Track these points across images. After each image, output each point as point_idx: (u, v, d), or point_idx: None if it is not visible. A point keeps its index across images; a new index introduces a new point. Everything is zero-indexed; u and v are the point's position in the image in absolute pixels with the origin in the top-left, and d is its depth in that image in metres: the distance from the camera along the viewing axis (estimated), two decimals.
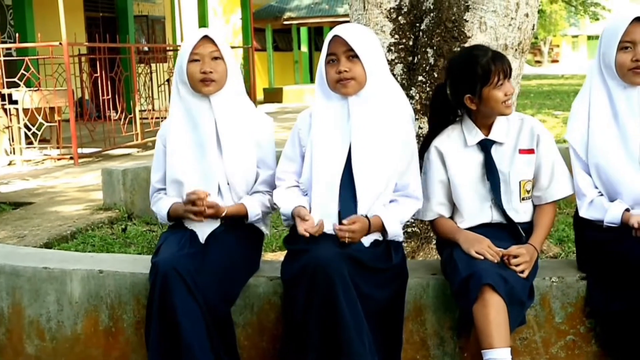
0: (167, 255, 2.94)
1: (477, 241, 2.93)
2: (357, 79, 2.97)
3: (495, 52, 3.06)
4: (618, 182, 3.03)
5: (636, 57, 2.97)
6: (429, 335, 3.17)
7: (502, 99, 2.98)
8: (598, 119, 3.09)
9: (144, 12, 19.41)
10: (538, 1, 4.51)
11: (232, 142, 3.16)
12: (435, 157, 3.13)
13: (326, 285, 2.71)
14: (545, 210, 3.14)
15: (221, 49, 3.12)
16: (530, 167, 3.10)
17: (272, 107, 20.15)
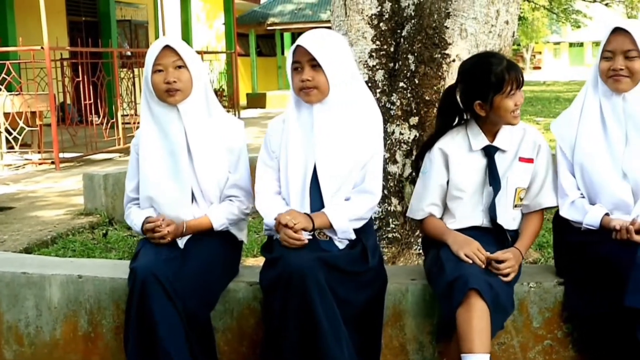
0: (145, 260, 2.94)
1: (466, 243, 2.95)
2: (319, 88, 2.98)
3: (510, 62, 3.09)
4: (600, 186, 3.07)
5: (613, 67, 3.03)
6: (408, 340, 3.18)
7: (512, 108, 3.02)
8: (587, 122, 3.15)
9: (127, 16, 19.36)
10: (518, 9, 4.54)
11: (202, 149, 3.16)
12: (439, 158, 3.16)
13: (301, 291, 2.72)
14: (533, 218, 3.19)
15: (184, 58, 3.10)
16: (527, 176, 3.15)
17: (256, 113, 20.15)
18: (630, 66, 3.02)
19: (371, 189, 3.09)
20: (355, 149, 3.03)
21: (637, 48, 3.02)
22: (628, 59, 3.02)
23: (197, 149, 3.15)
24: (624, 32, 3.03)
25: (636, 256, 2.77)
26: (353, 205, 3.04)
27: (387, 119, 4.30)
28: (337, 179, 3.02)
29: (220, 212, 3.17)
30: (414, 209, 3.24)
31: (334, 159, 3.01)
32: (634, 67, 3.02)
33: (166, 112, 3.16)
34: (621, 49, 3.03)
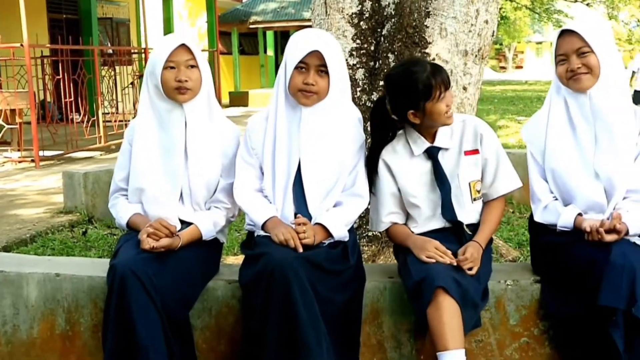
0: (125, 258, 2.92)
1: (425, 245, 2.97)
2: (319, 93, 3.01)
3: (434, 65, 3.08)
4: (572, 188, 3.10)
5: (570, 68, 3.05)
6: (386, 337, 3.20)
7: (445, 110, 3.02)
8: (555, 125, 3.16)
9: (108, 14, 19.25)
10: (498, 8, 4.56)
11: (199, 149, 3.16)
12: (384, 170, 3.17)
13: (283, 287, 2.72)
14: (492, 206, 3.20)
15: (197, 58, 3.13)
16: (478, 167, 3.16)
17: (238, 111, 20.09)
18: (586, 62, 3.04)
19: (361, 193, 3.13)
20: (341, 153, 3.07)
21: (587, 44, 3.04)
22: (582, 57, 3.04)
23: (194, 149, 3.16)
24: (571, 33, 3.06)
25: (610, 256, 2.79)
26: (347, 210, 3.09)
27: (367, 117, 4.30)
28: (322, 183, 3.05)
29: (209, 222, 3.17)
30: (374, 223, 3.26)
31: (319, 163, 3.04)
32: (590, 63, 3.04)
33: (170, 108, 3.16)
34: (572, 48, 3.05)
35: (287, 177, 3.06)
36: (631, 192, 3.08)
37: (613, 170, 3.05)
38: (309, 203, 3.04)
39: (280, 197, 3.07)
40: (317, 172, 3.04)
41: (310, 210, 3.04)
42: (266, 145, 3.10)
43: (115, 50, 14.73)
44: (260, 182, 3.14)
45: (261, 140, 3.12)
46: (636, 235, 2.99)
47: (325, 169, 3.05)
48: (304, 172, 3.04)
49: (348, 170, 3.10)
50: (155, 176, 3.15)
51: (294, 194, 3.06)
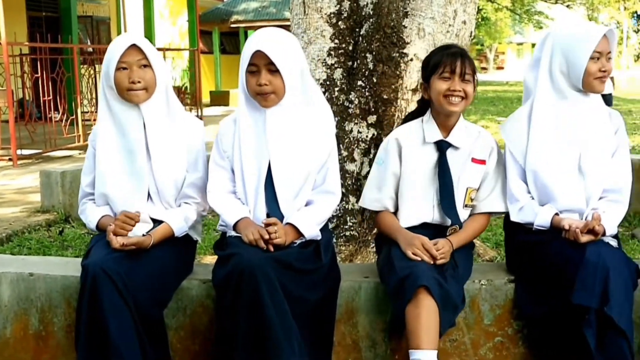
0: (97, 257, 2.91)
1: (412, 241, 2.98)
2: (276, 92, 3.00)
3: (460, 51, 3.14)
4: (554, 189, 3.11)
5: (604, 68, 3.09)
6: (361, 337, 3.20)
7: (444, 91, 3.06)
8: (540, 125, 3.16)
9: (88, 12, 19.15)
10: (475, 9, 4.58)
11: (161, 148, 3.14)
12: (394, 148, 3.19)
13: (252, 288, 2.72)
14: (477, 219, 3.22)
15: (149, 57, 3.09)
16: (479, 177, 3.19)
17: (219, 110, 20.05)
18: (609, 68, 3.12)
19: (333, 189, 3.13)
20: (310, 152, 3.07)
21: (611, 50, 3.13)
22: (609, 61, 3.12)
23: (156, 148, 3.14)
24: (609, 35, 3.11)
25: (584, 255, 2.82)
26: (318, 209, 3.09)
27: (345, 117, 4.31)
28: (293, 182, 3.05)
29: (180, 218, 3.16)
30: (368, 199, 3.26)
31: (288, 163, 3.04)
32: (610, 69, 3.13)
33: (126, 109, 3.13)
34: (606, 50, 3.10)
35: (257, 178, 3.06)
36: (607, 191, 3.12)
37: (597, 171, 3.09)
38: (281, 203, 3.04)
39: (252, 198, 3.07)
40: (287, 171, 3.04)
41: (282, 210, 3.04)
42: (236, 148, 3.09)
43: (95, 49, 14.63)
44: (233, 184, 3.14)
45: (231, 143, 3.12)
46: (610, 235, 3.02)
47: (295, 168, 3.05)
48: (274, 173, 3.03)
49: (317, 168, 3.10)
50: (119, 179, 3.13)
51: (265, 194, 3.05)
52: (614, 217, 3.06)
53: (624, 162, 3.17)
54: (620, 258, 2.90)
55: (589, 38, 3.09)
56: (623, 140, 3.19)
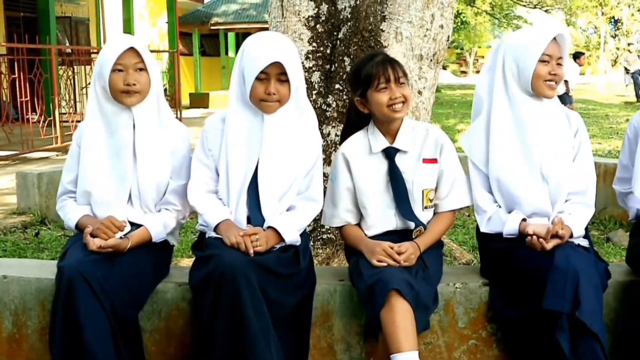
0: (73, 259, 2.89)
1: (375, 249, 2.98)
2: (281, 101, 3.03)
3: (386, 58, 3.13)
4: (518, 194, 3.13)
5: (554, 72, 3.10)
6: (336, 340, 3.20)
7: (386, 102, 3.05)
8: (498, 132, 3.17)
9: (67, 13, 19.03)
10: (453, 14, 4.61)
11: (148, 151, 3.14)
12: (342, 163, 3.19)
13: (232, 290, 2.72)
14: (441, 217, 3.22)
15: (145, 61, 3.11)
16: (433, 177, 3.18)
17: (198, 112, 20.00)
18: (559, 72, 3.11)
19: (316, 197, 3.14)
20: (298, 158, 3.08)
21: (563, 54, 3.13)
22: (558, 66, 3.12)
23: (142, 151, 3.14)
24: (560, 38, 3.11)
25: (554, 260, 2.84)
26: (300, 214, 3.09)
27: (323, 120, 4.32)
28: (277, 187, 3.05)
29: (159, 224, 3.15)
30: (328, 216, 3.26)
31: (276, 168, 3.04)
32: (561, 74, 3.12)
33: (118, 111, 3.14)
34: (556, 54, 3.11)
35: (242, 180, 3.05)
36: (572, 194, 3.15)
37: (560, 174, 3.11)
38: (263, 206, 3.04)
39: (235, 199, 3.06)
40: (274, 176, 3.04)
41: (263, 214, 3.04)
42: (223, 148, 3.09)
43: (73, 50, 14.56)
44: (215, 184, 3.13)
45: (218, 142, 3.11)
46: (580, 236, 3.05)
47: (282, 173, 3.05)
48: (260, 176, 3.03)
49: (303, 174, 3.10)
50: (103, 179, 3.13)
51: (248, 197, 3.05)
52: (580, 219, 3.08)
53: (587, 163, 3.19)
54: (590, 260, 2.93)
55: (538, 41, 3.11)
56: (584, 141, 3.21)
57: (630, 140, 3.42)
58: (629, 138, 3.43)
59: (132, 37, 3.20)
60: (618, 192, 3.52)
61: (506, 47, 3.21)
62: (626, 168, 3.44)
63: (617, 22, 46.27)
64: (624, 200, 3.47)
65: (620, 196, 3.51)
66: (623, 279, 3.26)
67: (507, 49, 3.20)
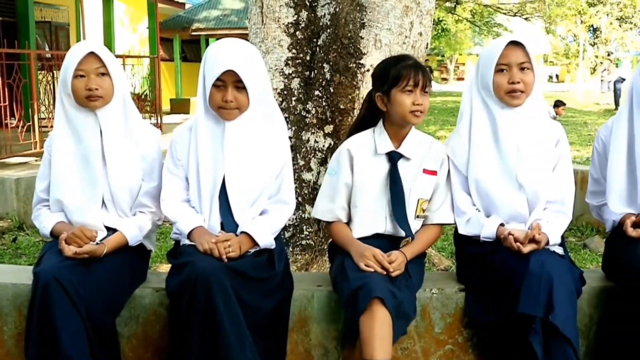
0: (49, 265, 2.89)
1: (364, 253, 2.99)
2: (240, 108, 3.02)
3: (418, 64, 3.14)
4: (496, 198, 3.17)
5: (512, 80, 3.11)
6: (314, 345, 3.22)
7: (409, 106, 3.07)
8: (479, 137, 3.22)
9: (47, 18, 18.91)
10: (431, 21, 4.64)
11: (117, 155, 3.14)
12: (345, 159, 3.20)
13: (206, 296, 2.72)
14: (429, 229, 3.25)
15: (107, 65, 3.10)
16: (430, 188, 3.22)
17: (179, 118, 19.92)
18: (524, 79, 3.11)
19: (287, 199, 3.15)
20: (265, 164, 3.08)
21: (529, 60, 3.13)
22: (523, 71, 3.12)
23: (111, 155, 3.13)
24: (517, 45, 3.13)
25: (529, 265, 2.87)
26: (273, 218, 3.10)
27: (302, 126, 4.34)
28: (247, 194, 3.06)
29: (134, 227, 3.15)
30: (320, 210, 3.26)
31: (243, 176, 3.05)
32: (527, 80, 3.12)
33: (83, 116, 3.13)
34: (516, 61, 3.12)
35: (212, 188, 3.06)
36: (551, 202, 3.18)
37: (536, 182, 3.14)
38: (235, 213, 3.05)
39: (207, 207, 3.07)
40: (242, 183, 3.05)
41: (236, 219, 3.05)
42: (191, 157, 3.10)
43: (53, 55, 14.48)
44: (187, 192, 3.14)
45: (186, 152, 3.12)
46: (556, 244, 3.08)
47: (250, 180, 3.06)
48: (228, 185, 3.04)
49: (272, 179, 3.12)
50: (74, 186, 3.12)
51: (220, 203, 3.06)
52: (557, 227, 3.12)
53: (567, 173, 3.22)
54: (564, 266, 2.97)
55: (492, 51, 3.16)
56: (565, 151, 3.24)
57: (599, 154, 3.45)
58: (598, 152, 3.46)
59: (93, 42, 3.18)
60: (592, 206, 3.55)
61: (479, 58, 3.27)
62: (597, 181, 3.47)
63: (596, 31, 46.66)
64: (599, 212, 3.51)
65: (594, 209, 3.55)
66: (597, 285, 3.30)
67: (479, 60, 3.27)
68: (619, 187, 3.28)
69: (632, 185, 3.26)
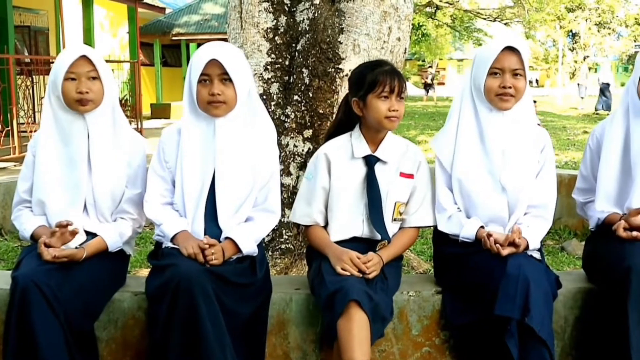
0: (27, 269, 2.88)
1: (341, 256, 3.02)
2: (228, 102, 3.03)
3: (393, 70, 3.17)
4: (477, 199, 3.20)
5: (503, 84, 3.14)
6: (292, 348, 3.23)
7: (385, 112, 3.10)
8: (465, 137, 3.25)
9: (26, 22, 18.81)
10: (410, 26, 4.68)
11: (102, 160, 3.15)
12: (323, 163, 3.22)
13: (188, 299, 2.73)
14: (406, 232, 3.28)
15: (98, 69, 3.11)
16: (407, 191, 3.24)
17: (159, 123, 19.89)
18: (516, 84, 3.14)
19: (273, 208, 3.16)
20: (254, 168, 3.09)
21: (524, 66, 3.16)
22: (515, 77, 3.15)
23: (97, 160, 3.14)
24: (512, 51, 3.15)
25: (506, 267, 2.90)
26: (258, 226, 3.12)
27: (282, 131, 4.35)
28: (235, 198, 3.07)
29: (115, 233, 3.15)
30: (298, 213, 3.28)
31: (233, 177, 3.06)
32: (518, 85, 3.15)
33: (72, 119, 3.14)
34: (510, 67, 3.15)
35: (199, 191, 3.06)
36: (532, 207, 3.21)
37: (519, 186, 3.17)
38: (220, 217, 3.05)
39: (191, 211, 3.07)
40: (231, 185, 3.06)
41: (220, 225, 3.05)
42: (179, 159, 3.10)
43: (32, 59, 14.41)
44: (171, 195, 3.14)
45: (174, 154, 3.12)
46: (535, 249, 3.12)
47: (239, 183, 3.07)
48: (217, 184, 3.04)
49: (260, 186, 3.12)
50: (57, 188, 3.13)
51: (205, 208, 3.06)
52: (537, 232, 3.15)
53: (550, 180, 3.26)
54: (541, 270, 3.01)
55: (487, 54, 3.19)
56: (549, 158, 3.27)
57: (592, 152, 3.47)
58: (591, 149, 3.48)
59: (85, 46, 3.20)
60: (578, 202, 3.59)
61: (473, 59, 3.30)
62: (586, 179, 3.51)
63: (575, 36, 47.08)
64: (584, 209, 3.56)
65: (580, 205, 3.59)
66: (573, 287, 3.34)
67: (473, 62, 3.29)
68: (609, 187, 3.31)
69: (623, 186, 3.29)
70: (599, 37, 46.62)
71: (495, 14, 29.59)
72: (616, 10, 45.41)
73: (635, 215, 3.13)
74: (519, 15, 29.01)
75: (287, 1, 4.48)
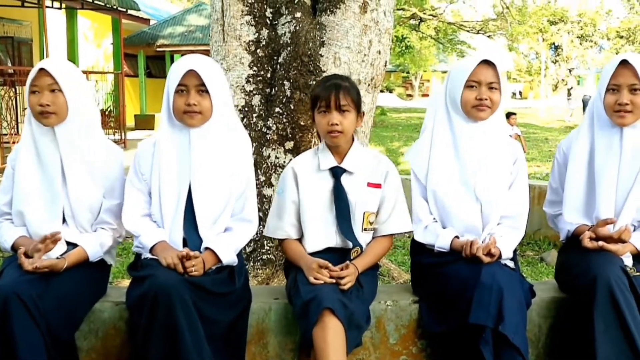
0: (8, 279, 2.90)
1: (312, 265, 3.05)
2: (203, 113, 3.07)
3: (336, 84, 3.19)
4: (451, 209, 3.25)
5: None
6: (271, 357, 3.26)
7: (325, 126, 3.16)
8: (439, 149, 3.30)
9: (9, 33, 18.74)
10: (390, 40, 4.73)
11: (76, 172, 3.17)
12: (290, 177, 3.27)
13: (167, 309, 2.76)
14: (379, 241, 3.31)
15: (59, 82, 3.12)
16: (376, 201, 3.28)
17: (143, 134, 19.84)
18: (491, 97, 3.21)
19: (250, 218, 3.21)
20: (231, 177, 3.13)
21: (499, 80, 3.23)
22: (490, 90, 3.21)
23: (71, 172, 3.16)
24: (488, 64, 3.22)
25: (480, 277, 2.95)
26: (236, 236, 3.15)
27: (263, 143, 4.39)
28: (213, 207, 3.10)
29: (95, 243, 3.18)
30: (271, 227, 3.33)
31: (210, 187, 3.10)
32: (494, 98, 3.21)
33: (42, 132, 3.17)
34: (486, 80, 3.21)
35: (176, 201, 3.09)
36: (505, 218, 3.26)
37: (493, 196, 3.22)
38: (200, 227, 3.09)
39: (169, 222, 3.10)
40: (208, 195, 3.09)
41: (200, 234, 3.09)
42: (155, 171, 3.13)
43: (15, 70, 14.38)
44: (149, 207, 3.17)
45: (150, 166, 3.15)
46: (508, 258, 3.17)
47: (216, 193, 3.10)
48: (195, 195, 3.08)
49: (237, 196, 3.16)
50: (36, 200, 3.15)
51: (183, 218, 3.10)
52: (510, 242, 3.20)
53: (522, 191, 3.31)
54: (515, 279, 3.06)
55: (464, 68, 3.25)
56: (522, 170, 3.32)
57: (559, 164, 3.53)
58: (559, 162, 3.54)
59: (49, 60, 3.20)
60: (548, 215, 3.64)
61: (449, 73, 3.36)
62: (556, 191, 3.56)
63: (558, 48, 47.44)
64: (554, 221, 3.61)
65: (551, 218, 3.64)
66: (547, 296, 3.40)
67: (449, 74, 3.36)
68: (576, 198, 3.36)
69: (589, 198, 3.34)
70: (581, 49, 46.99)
71: (478, 27, 29.79)
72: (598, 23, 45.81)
73: (603, 226, 3.20)
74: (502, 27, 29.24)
75: (269, 14, 4.53)
